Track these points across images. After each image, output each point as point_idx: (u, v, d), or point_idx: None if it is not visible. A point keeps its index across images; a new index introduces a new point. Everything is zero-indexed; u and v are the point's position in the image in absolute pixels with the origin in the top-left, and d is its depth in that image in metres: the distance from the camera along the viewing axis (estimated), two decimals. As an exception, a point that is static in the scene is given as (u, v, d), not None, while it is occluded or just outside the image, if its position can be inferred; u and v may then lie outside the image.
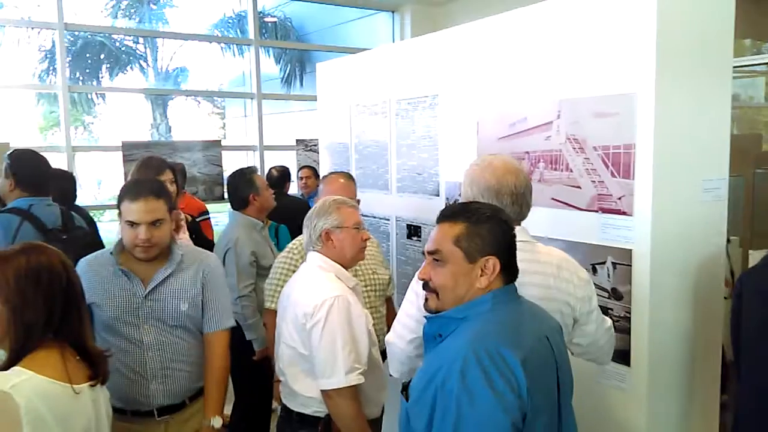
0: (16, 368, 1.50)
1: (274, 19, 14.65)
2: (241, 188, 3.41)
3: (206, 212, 4.52)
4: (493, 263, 1.55)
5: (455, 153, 3.12)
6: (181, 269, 2.35)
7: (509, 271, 1.60)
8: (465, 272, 1.56)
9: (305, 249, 2.47)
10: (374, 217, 3.74)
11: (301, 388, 2.28)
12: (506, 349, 1.42)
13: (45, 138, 17.44)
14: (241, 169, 3.53)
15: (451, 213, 1.62)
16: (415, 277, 2.20)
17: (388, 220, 3.67)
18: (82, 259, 2.33)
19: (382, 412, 2.53)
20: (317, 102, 4.33)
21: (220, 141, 8.06)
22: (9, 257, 1.58)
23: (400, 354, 2.04)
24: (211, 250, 2.98)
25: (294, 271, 2.79)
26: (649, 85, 2.22)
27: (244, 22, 15.00)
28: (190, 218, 3.37)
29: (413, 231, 3.48)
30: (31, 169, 2.98)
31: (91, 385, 1.62)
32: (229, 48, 16.07)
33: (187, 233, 3.09)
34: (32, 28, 16.93)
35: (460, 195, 3.12)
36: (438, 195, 3.29)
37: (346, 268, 2.40)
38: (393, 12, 8.43)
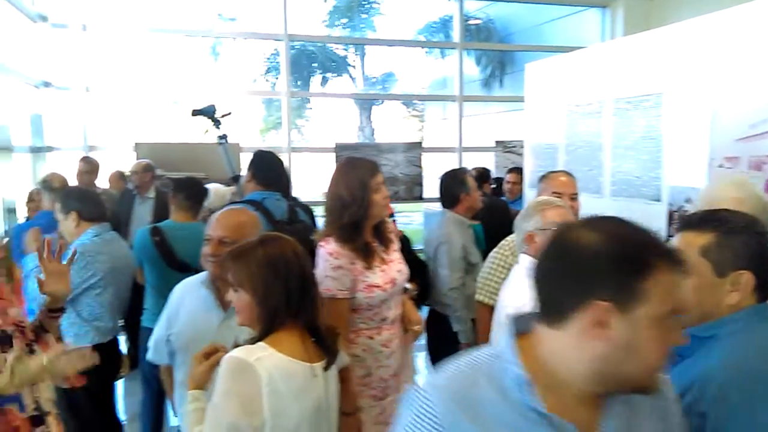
0: (260, 343, 1.65)
1: (478, 21, 14.71)
2: (453, 187, 3.50)
3: (393, 213, 4.62)
4: (746, 279, 1.40)
5: (682, 155, 2.89)
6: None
7: (763, 288, 1.43)
8: (712, 287, 1.42)
9: (517, 251, 2.45)
10: (583, 222, 3.59)
11: None
12: None
13: (264, 139, 19.26)
14: (454, 170, 3.63)
15: (698, 221, 1.48)
16: None
17: (599, 225, 3.51)
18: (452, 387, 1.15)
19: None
20: (525, 103, 4.27)
21: (420, 143, 8.28)
22: (249, 251, 1.72)
23: None
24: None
25: (503, 267, 2.86)
26: None
27: (448, 25, 15.30)
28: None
29: (628, 238, 3.28)
30: (267, 168, 3.38)
31: (324, 368, 1.75)
32: (432, 52, 16.49)
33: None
34: (259, 39, 18.91)
35: (687, 201, 2.92)
36: (659, 200, 3.07)
37: None
38: (604, 8, 8.04)
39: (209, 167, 5.91)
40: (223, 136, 4.65)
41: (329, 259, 2.36)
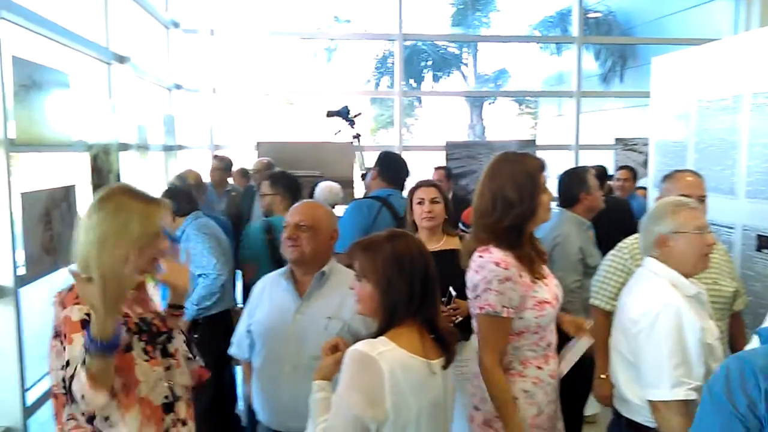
0: (382, 338, 1.68)
1: (598, 14, 14.15)
2: (573, 186, 3.37)
3: None
4: None
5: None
6: None
7: None
8: None
9: (642, 254, 2.33)
10: (714, 225, 3.36)
11: (631, 395, 2.16)
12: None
13: (374, 138, 19.54)
14: (574, 168, 3.50)
15: None
16: None
17: (732, 228, 3.28)
18: None
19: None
20: (651, 98, 4.06)
21: (534, 141, 8.10)
22: (378, 244, 1.76)
23: None
24: None
25: (621, 270, 2.71)
26: None
27: (565, 20, 14.84)
28: None
29: (765, 243, 3.04)
30: (391, 167, 3.58)
31: (443, 367, 1.75)
32: (546, 47, 16.04)
33: None
34: (372, 40, 19.30)
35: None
36: (801, 202, 2.82)
37: (686, 275, 2.19)
38: (738, -3, 7.50)
39: (325, 165, 6.11)
40: (357, 136, 4.85)
41: (495, 269, 2.01)
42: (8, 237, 2.53)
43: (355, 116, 4.95)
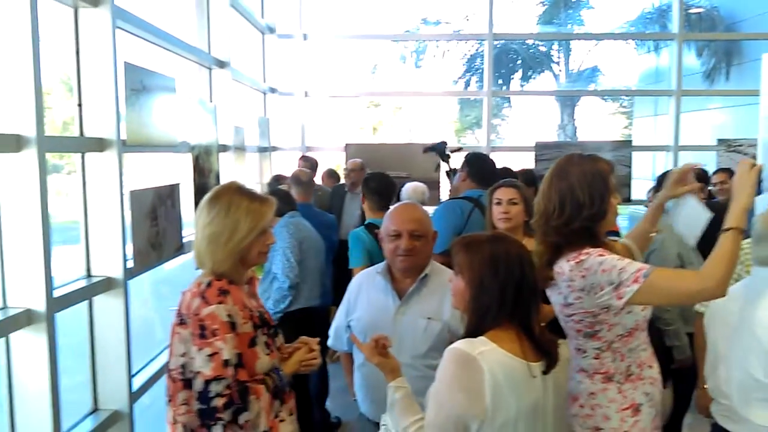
0: (481, 338, 1.66)
1: (700, 10, 13.47)
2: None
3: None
4: None
5: None
6: None
7: None
8: None
9: (756, 263, 2.16)
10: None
11: (755, 416, 2.02)
12: None
13: (459, 140, 19.36)
14: (667, 172, 3.37)
15: None
16: None
17: None
18: None
19: None
20: (761, 97, 3.83)
21: (630, 141, 7.80)
22: (477, 244, 1.76)
23: None
24: None
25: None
26: None
27: (665, 16, 14.21)
28: None
29: None
30: (481, 167, 3.56)
31: (544, 372, 1.70)
32: (643, 45, 15.42)
33: None
34: (461, 41, 19.19)
35: None
36: None
37: None
38: None
39: (411, 166, 6.16)
40: (452, 171, 4.88)
41: (606, 259, 1.84)
42: (119, 232, 2.70)
43: (453, 152, 4.94)
